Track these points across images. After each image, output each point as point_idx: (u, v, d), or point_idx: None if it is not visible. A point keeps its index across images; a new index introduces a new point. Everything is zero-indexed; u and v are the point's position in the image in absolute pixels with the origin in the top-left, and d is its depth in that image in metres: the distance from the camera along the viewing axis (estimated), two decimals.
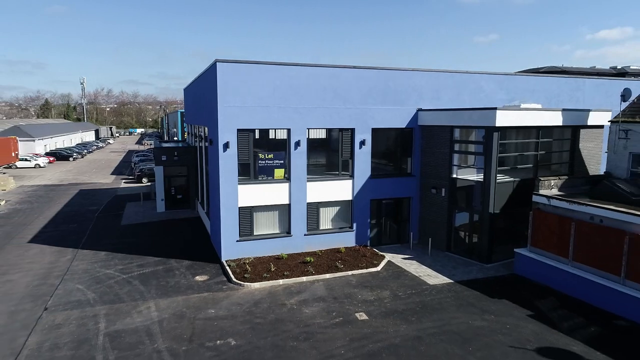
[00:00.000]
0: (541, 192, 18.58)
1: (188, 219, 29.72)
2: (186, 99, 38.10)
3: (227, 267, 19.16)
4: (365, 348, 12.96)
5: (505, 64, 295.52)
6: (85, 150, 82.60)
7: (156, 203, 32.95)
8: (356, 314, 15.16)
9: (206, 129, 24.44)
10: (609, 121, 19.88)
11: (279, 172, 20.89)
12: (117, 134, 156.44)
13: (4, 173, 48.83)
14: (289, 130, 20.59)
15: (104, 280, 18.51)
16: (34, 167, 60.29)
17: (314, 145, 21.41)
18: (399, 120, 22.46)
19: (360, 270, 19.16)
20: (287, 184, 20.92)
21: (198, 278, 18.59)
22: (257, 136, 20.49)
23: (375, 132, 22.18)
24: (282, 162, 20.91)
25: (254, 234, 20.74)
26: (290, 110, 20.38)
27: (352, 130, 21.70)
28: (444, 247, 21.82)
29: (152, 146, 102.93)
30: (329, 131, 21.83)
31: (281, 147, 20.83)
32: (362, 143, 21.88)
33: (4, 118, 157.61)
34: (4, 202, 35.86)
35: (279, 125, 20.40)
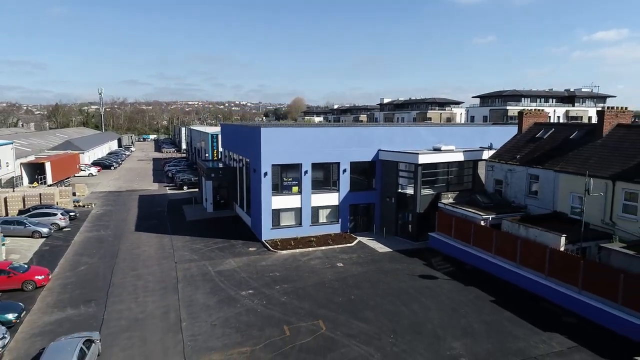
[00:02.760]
0: (442, 201, 33.15)
1: (230, 216, 44.15)
2: (224, 131, 52.56)
3: (266, 243, 33.70)
4: (341, 276, 27.46)
5: (504, 65, 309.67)
6: (120, 160, 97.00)
7: (205, 205, 47.52)
8: (337, 263, 29.70)
9: (247, 159, 38.96)
10: (484, 160, 34.47)
11: (295, 188, 35.42)
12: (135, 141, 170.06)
13: (70, 183, 63.02)
14: (300, 164, 35.08)
15: (198, 250, 33.01)
16: (88, 176, 74.61)
17: (315, 171, 35.84)
18: (367, 156, 36.93)
19: (342, 245, 33.66)
20: (299, 195, 35.41)
21: (250, 249, 33.13)
22: (282, 167, 34.94)
23: (353, 163, 36.61)
24: (297, 182, 35.42)
25: (280, 225, 35.25)
26: (301, 152, 34.85)
27: (338, 163, 36.17)
28: (393, 233, 36.27)
29: (172, 153, 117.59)
30: (324, 163, 36.19)
31: (296, 174, 35.31)
32: (344, 170, 36.38)
33: (22, 123, 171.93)
34: (94, 204, 50.34)
35: (295, 161, 34.89)
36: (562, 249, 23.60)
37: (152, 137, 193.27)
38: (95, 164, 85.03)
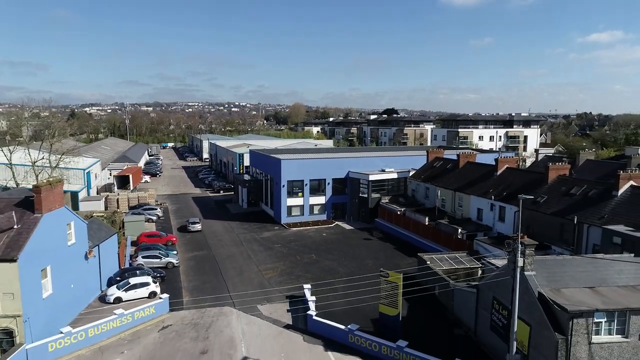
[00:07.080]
0: (382, 201, 59.54)
1: (258, 210, 70.40)
2: (252, 155, 78.83)
3: (284, 225, 60.05)
4: (324, 239, 53.81)
5: (501, 66, 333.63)
6: (159, 168, 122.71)
7: (241, 204, 73.78)
8: (323, 234, 56.09)
9: (271, 175, 65.32)
10: (407, 178, 60.90)
11: (300, 194, 61.79)
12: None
13: (141, 188, 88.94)
14: (303, 180, 61.44)
15: (246, 228, 59.34)
16: (144, 183, 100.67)
17: (312, 183, 62.07)
18: (342, 174, 63.26)
19: (326, 225, 59.97)
20: (302, 198, 61.75)
21: (275, 227, 59.50)
22: (293, 181, 61.18)
23: (333, 179, 62.95)
24: (301, 190, 61.75)
25: (292, 214, 61.59)
26: (304, 172, 61.20)
27: (325, 179, 62.51)
28: (357, 219, 62.49)
29: (195, 161, 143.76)
30: (317, 178, 62.37)
31: (301, 185, 61.60)
32: (329, 183, 62.74)
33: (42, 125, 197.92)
34: (166, 203, 76.43)
35: (300, 178, 61.25)
36: (426, 223, 49.95)
37: (170, 144, 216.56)
38: (145, 172, 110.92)
